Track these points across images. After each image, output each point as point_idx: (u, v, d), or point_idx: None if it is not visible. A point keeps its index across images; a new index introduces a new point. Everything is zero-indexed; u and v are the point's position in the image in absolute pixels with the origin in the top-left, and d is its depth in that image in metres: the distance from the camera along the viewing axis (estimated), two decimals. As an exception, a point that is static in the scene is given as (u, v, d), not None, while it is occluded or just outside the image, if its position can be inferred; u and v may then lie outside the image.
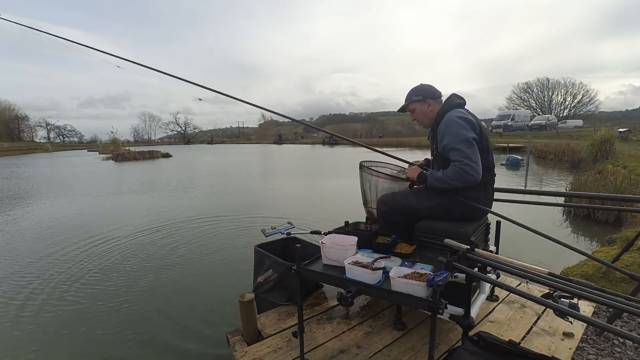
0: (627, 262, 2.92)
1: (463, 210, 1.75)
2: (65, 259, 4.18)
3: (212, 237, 4.95)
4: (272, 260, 2.12)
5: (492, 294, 2.11)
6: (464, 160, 1.61)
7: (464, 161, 1.61)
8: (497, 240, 2.02)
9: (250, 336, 1.84)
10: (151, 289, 3.38)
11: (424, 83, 1.94)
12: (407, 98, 1.94)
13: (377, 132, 45.82)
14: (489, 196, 1.82)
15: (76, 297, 3.23)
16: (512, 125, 30.20)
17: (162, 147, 40.22)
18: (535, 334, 1.78)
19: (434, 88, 1.91)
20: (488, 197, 1.82)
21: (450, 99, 1.87)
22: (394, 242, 1.68)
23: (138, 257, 4.21)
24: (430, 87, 1.91)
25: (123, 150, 25.24)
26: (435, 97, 1.88)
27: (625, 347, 1.87)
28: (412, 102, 1.92)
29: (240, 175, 13.25)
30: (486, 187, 1.79)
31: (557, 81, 44.29)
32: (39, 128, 63.01)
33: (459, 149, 1.63)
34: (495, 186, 1.90)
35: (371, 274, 1.34)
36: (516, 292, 1.18)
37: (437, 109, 1.87)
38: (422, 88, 1.91)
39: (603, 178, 6.40)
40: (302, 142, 54.71)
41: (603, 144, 10.97)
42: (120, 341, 2.54)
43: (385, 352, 1.65)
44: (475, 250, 1.39)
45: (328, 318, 1.96)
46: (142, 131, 75.15)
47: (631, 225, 4.55)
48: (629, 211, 3.35)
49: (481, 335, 1.31)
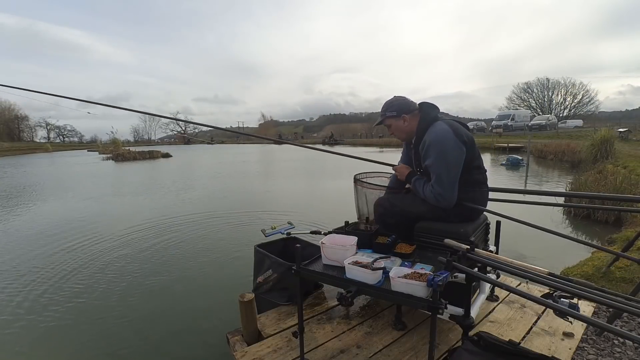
0: (627, 262, 2.92)
1: (459, 213, 1.74)
2: (63, 259, 4.18)
3: (212, 237, 4.95)
4: (272, 260, 2.12)
5: (492, 294, 2.11)
6: (440, 191, 1.65)
7: (439, 191, 1.65)
8: (497, 240, 2.02)
9: (250, 336, 1.84)
10: (151, 289, 3.38)
11: (398, 96, 1.88)
12: (382, 113, 1.90)
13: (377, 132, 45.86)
14: (484, 195, 1.83)
15: (75, 297, 3.23)
16: (512, 125, 30.21)
17: (162, 147, 40.21)
18: (535, 334, 1.78)
19: (408, 101, 1.85)
20: (484, 195, 1.82)
21: (426, 112, 1.80)
22: (394, 242, 1.68)
23: (137, 257, 4.21)
24: (404, 101, 1.85)
25: (123, 150, 25.26)
26: (410, 111, 1.82)
27: (625, 347, 1.87)
28: (387, 118, 1.87)
29: (240, 175, 13.25)
30: (481, 186, 1.79)
31: (557, 81, 44.37)
32: (39, 128, 63.21)
33: (440, 178, 1.65)
34: (495, 186, 1.90)
35: (371, 274, 1.34)
36: (516, 292, 1.18)
37: (414, 123, 1.82)
38: (397, 103, 1.85)
39: (603, 178, 6.40)
40: (302, 142, 54.62)
41: (603, 144, 10.96)
42: (120, 341, 2.54)
43: (385, 352, 1.65)
44: (475, 250, 1.39)
45: (328, 318, 1.96)
46: (142, 131, 75.28)
47: (631, 225, 4.55)
48: (629, 211, 3.36)
49: (481, 335, 1.31)
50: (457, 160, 1.65)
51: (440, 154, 1.64)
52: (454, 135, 1.65)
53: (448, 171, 1.64)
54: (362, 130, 61.99)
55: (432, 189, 1.68)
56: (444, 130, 1.67)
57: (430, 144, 1.67)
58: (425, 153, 1.71)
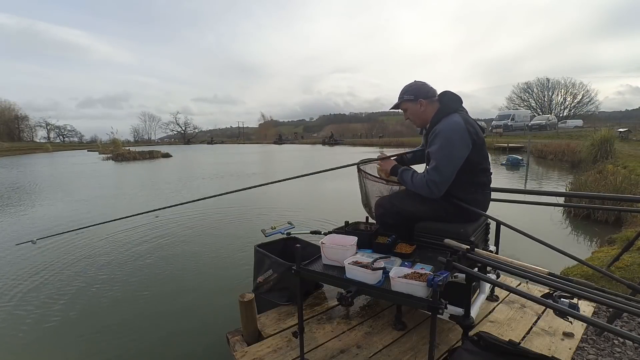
0: (627, 262, 2.92)
1: (459, 213, 1.73)
2: (62, 258, 4.18)
3: (212, 237, 4.95)
4: (272, 260, 2.12)
5: (492, 294, 2.11)
6: (433, 176, 1.63)
7: (432, 177, 1.64)
8: (497, 240, 2.02)
9: (250, 336, 1.84)
10: (150, 289, 3.38)
11: (418, 80, 1.83)
12: (400, 96, 1.85)
13: (377, 132, 45.93)
14: (487, 197, 1.82)
15: (74, 297, 3.23)
16: (512, 125, 30.19)
17: (162, 147, 40.20)
18: (535, 334, 1.78)
19: (427, 86, 1.80)
20: (486, 198, 1.82)
21: (445, 102, 1.75)
22: (394, 242, 1.68)
23: (136, 256, 4.21)
24: (424, 86, 1.80)
25: (123, 150, 25.23)
26: (429, 97, 1.77)
27: (625, 347, 1.86)
28: (404, 101, 1.83)
29: (240, 175, 13.25)
30: (484, 189, 1.78)
31: (557, 81, 44.36)
32: (39, 128, 63.19)
33: (438, 166, 1.63)
34: (495, 186, 1.90)
35: (371, 274, 1.34)
36: (516, 292, 1.18)
37: (430, 110, 1.77)
38: (415, 86, 1.80)
39: (603, 178, 6.40)
40: (302, 142, 54.69)
41: (603, 144, 10.96)
42: (120, 341, 2.54)
43: (385, 352, 1.65)
44: (475, 250, 1.39)
45: (328, 318, 1.96)
46: (142, 131, 75.32)
47: (631, 225, 4.55)
48: (629, 211, 3.35)
49: (481, 335, 1.31)
50: (460, 154, 1.62)
51: (445, 143, 1.62)
52: (466, 130, 1.63)
53: (448, 162, 1.62)
54: (362, 131, 62.02)
55: (426, 175, 1.66)
56: (456, 122, 1.65)
57: (440, 132, 1.65)
58: (432, 140, 1.69)
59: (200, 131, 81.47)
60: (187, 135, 75.32)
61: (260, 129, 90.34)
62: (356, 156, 2.72)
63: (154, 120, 77.25)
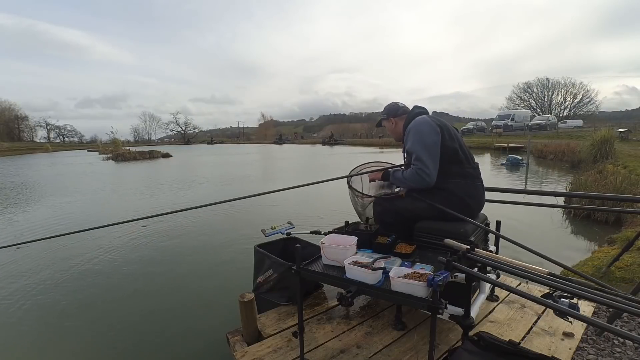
0: (627, 262, 2.92)
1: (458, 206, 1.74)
2: (61, 258, 4.18)
3: (212, 237, 4.95)
4: (272, 260, 2.12)
5: (492, 294, 2.11)
6: (419, 164, 1.75)
7: (419, 165, 1.75)
8: (497, 240, 2.02)
9: (250, 336, 1.84)
10: (150, 289, 3.38)
11: (392, 102, 2.12)
12: (380, 115, 2.15)
13: (377, 132, 45.90)
14: (479, 190, 1.84)
15: (74, 297, 3.23)
16: (512, 125, 30.20)
17: (162, 147, 40.18)
18: (535, 334, 1.78)
19: (397, 106, 2.08)
20: (478, 190, 1.83)
21: (412, 112, 2.01)
22: (393, 242, 1.68)
23: (136, 256, 4.21)
24: (394, 105, 2.09)
25: (123, 150, 25.25)
26: (397, 115, 2.05)
27: (625, 347, 1.86)
28: (382, 120, 2.13)
29: (240, 174, 13.25)
30: (474, 180, 1.81)
31: (557, 81, 44.32)
32: (39, 128, 63.29)
33: (419, 156, 1.76)
34: (495, 186, 1.90)
35: (371, 274, 1.34)
36: (516, 292, 1.18)
37: (401, 125, 2.02)
38: (388, 107, 2.10)
39: (603, 178, 6.40)
40: (303, 142, 54.70)
41: (603, 144, 10.97)
42: (120, 341, 2.54)
43: (385, 352, 1.65)
44: (475, 250, 1.39)
45: (328, 318, 1.96)
46: (142, 131, 75.37)
47: (631, 225, 4.54)
48: (629, 212, 3.35)
49: (481, 335, 1.31)
50: (432, 139, 1.76)
51: (416, 134, 1.79)
52: (430, 121, 1.82)
53: (426, 150, 1.75)
54: (362, 131, 62.00)
55: (413, 166, 1.77)
56: (420, 117, 1.88)
57: (409, 129, 1.86)
58: (406, 139, 1.88)
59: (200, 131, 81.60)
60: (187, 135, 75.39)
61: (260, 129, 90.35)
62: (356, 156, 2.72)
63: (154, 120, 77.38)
